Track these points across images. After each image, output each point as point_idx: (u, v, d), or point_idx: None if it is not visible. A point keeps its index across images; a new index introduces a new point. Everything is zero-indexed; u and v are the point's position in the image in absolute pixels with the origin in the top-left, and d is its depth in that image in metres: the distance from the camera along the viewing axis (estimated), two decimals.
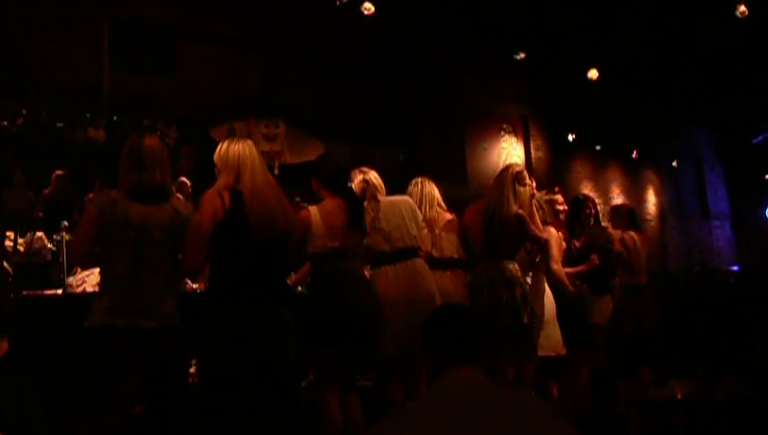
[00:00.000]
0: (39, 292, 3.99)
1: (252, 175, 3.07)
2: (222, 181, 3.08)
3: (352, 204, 3.57)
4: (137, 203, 2.73)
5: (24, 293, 3.83)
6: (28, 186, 5.98)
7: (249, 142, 3.18)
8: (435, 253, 4.29)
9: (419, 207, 4.23)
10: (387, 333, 3.49)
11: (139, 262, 2.70)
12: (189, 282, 4.12)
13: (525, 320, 4.02)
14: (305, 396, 3.94)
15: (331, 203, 3.51)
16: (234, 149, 3.10)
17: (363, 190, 3.98)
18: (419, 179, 4.42)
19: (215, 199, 2.97)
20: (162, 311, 2.74)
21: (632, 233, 6.04)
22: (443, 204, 4.41)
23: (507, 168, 4.27)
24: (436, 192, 4.39)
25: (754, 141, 13.75)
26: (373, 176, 4.07)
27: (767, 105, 12.30)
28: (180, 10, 6.55)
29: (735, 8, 7.64)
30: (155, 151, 2.83)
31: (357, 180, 3.96)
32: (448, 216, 4.42)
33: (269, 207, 3.09)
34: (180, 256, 2.87)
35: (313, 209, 3.49)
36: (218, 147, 3.18)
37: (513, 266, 4.06)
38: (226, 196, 3.00)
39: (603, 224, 5.75)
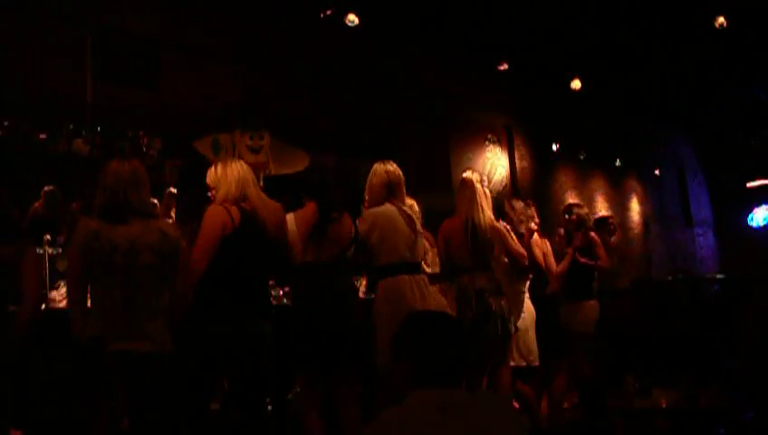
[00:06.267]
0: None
1: (256, 190, 3.11)
2: (223, 195, 3.07)
3: (322, 208, 3.38)
4: (119, 226, 2.70)
5: None
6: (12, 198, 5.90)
7: (242, 162, 3.23)
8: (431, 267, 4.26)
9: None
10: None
11: (130, 286, 2.68)
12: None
13: (512, 328, 4.06)
14: (292, 408, 3.94)
15: (307, 210, 3.41)
16: (234, 167, 3.13)
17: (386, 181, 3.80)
18: None
19: (222, 214, 2.98)
20: (156, 335, 2.73)
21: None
22: None
23: (470, 178, 4.23)
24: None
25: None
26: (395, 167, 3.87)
27: (747, 114, 12.46)
28: (165, 22, 6.53)
29: (715, 20, 7.82)
30: (130, 173, 2.82)
31: (379, 171, 3.81)
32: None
33: (277, 221, 3.13)
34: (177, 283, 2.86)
35: (289, 216, 3.38)
36: (211, 169, 3.19)
37: (498, 276, 4.09)
38: (234, 211, 3.00)
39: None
